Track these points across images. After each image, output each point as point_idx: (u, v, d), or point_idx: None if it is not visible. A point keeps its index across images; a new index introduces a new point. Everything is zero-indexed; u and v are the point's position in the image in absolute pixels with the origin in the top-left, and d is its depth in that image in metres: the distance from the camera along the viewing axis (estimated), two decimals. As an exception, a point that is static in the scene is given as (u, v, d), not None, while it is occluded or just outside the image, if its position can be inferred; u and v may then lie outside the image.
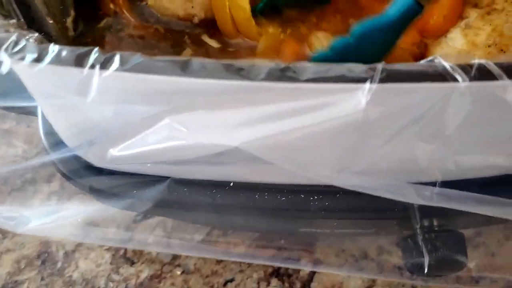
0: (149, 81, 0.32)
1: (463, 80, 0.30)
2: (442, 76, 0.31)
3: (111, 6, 0.58)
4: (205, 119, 0.35)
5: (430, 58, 0.32)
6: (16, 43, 0.33)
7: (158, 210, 0.51)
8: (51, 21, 0.45)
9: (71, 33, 0.57)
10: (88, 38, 0.57)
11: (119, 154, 0.40)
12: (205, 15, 0.58)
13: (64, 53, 0.32)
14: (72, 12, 0.57)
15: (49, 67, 0.32)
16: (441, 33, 0.54)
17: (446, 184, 0.39)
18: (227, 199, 0.46)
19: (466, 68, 0.31)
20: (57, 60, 0.32)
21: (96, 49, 0.32)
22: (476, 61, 0.31)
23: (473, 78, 0.30)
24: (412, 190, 0.38)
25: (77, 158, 0.43)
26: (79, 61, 0.32)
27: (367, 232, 0.55)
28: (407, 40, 0.53)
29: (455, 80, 0.30)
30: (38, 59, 0.32)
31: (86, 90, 0.32)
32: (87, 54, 0.32)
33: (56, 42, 0.45)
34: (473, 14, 0.54)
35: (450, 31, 0.54)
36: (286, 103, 0.32)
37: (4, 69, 0.32)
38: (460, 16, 0.54)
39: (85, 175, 0.45)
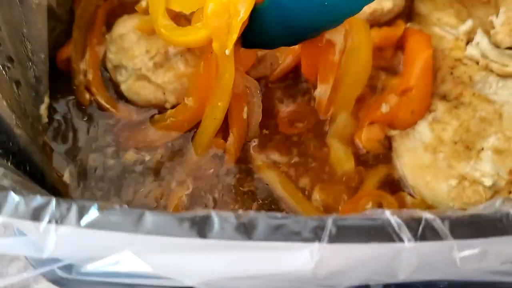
0: (106, 234, 0.33)
1: (409, 241, 0.31)
2: (390, 235, 0.31)
3: (87, 96, 0.58)
4: (164, 257, 0.36)
5: (379, 210, 0.33)
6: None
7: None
8: (18, 132, 0.46)
9: (44, 120, 0.58)
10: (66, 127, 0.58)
11: (84, 272, 0.41)
12: (177, 100, 0.58)
13: (20, 205, 0.33)
14: (46, 99, 0.58)
15: (7, 220, 0.33)
16: (409, 125, 0.55)
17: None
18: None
19: (412, 227, 0.31)
20: (14, 214, 0.33)
21: (53, 201, 0.33)
22: (424, 216, 0.32)
23: (419, 238, 0.31)
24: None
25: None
26: (35, 215, 0.33)
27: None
28: (372, 136, 0.54)
29: (402, 240, 0.31)
30: (-5, 211, 0.33)
31: (42, 244, 0.32)
32: (44, 206, 0.33)
33: (24, 151, 0.46)
34: (440, 108, 0.54)
35: (417, 123, 0.55)
36: (239, 254, 0.33)
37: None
38: (428, 109, 0.55)
39: (70, 284, 0.46)
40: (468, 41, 0.59)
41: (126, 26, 0.60)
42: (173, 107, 0.58)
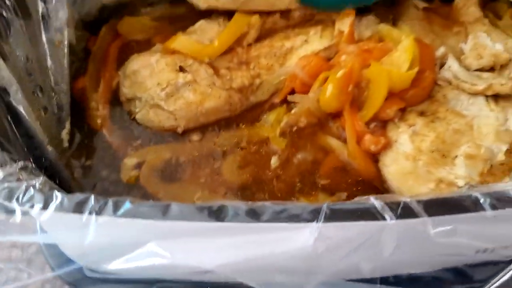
0: (137, 223, 0.39)
1: (391, 219, 0.37)
2: (374, 215, 0.38)
3: (98, 121, 0.65)
4: (184, 245, 0.42)
5: (365, 197, 0.39)
6: (25, 192, 0.40)
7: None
8: (50, 148, 0.52)
9: (65, 144, 0.64)
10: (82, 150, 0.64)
11: (111, 268, 0.47)
12: (188, 125, 0.65)
13: (65, 201, 0.39)
14: (68, 125, 0.65)
15: (54, 214, 0.39)
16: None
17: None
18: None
19: (392, 207, 0.38)
20: (59, 208, 0.39)
21: (92, 197, 0.39)
22: (402, 199, 0.39)
23: (399, 217, 0.38)
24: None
25: (79, 270, 0.50)
26: (78, 208, 0.39)
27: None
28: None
29: (384, 218, 0.38)
30: (44, 207, 0.39)
31: (85, 232, 0.38)
32: (85, 201, 0.39)
33: (54, 166, 0.53)
34: (419, 122, 0.62)
35: (399, 137, 0.62)
36: (251, 236, 0.39)
37: (17, 219, 0.38)
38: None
39: (86, 284, 0.51)
40: (441, 66, 0.67)
41: (138, 63, 0.67)
42: (184, 131, 0.65)
